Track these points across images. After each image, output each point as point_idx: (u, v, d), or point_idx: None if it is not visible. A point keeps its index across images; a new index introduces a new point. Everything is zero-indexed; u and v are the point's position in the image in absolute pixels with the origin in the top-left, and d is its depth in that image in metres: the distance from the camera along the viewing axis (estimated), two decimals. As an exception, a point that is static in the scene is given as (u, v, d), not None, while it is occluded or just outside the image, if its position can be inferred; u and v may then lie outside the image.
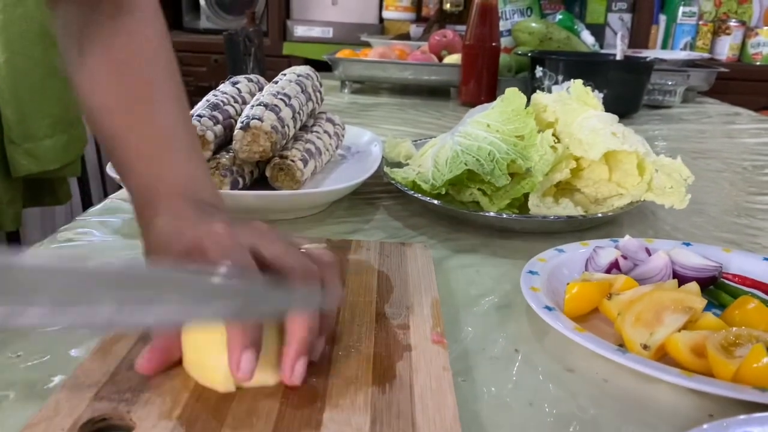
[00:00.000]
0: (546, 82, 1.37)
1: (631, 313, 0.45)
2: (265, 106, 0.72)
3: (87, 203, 1.81)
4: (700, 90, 1.69)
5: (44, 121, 1.39)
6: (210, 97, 0.77)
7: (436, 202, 0.69)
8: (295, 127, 0.76)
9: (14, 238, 1.56)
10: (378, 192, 0.80)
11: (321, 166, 0.79)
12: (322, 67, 1.46)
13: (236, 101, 0.77)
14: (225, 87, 0.80)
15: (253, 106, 0.72)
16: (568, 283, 0.50)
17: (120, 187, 0.72)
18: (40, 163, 1.39)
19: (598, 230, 0.70)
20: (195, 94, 2.58)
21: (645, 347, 0.43)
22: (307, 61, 2.43)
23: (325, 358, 0.41)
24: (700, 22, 2.47)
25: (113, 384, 0.37)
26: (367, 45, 1.92)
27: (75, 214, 1.96)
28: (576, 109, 0.76)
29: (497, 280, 0.58)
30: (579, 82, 0.79)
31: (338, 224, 0.70)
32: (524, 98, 0.76)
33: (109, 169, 0.68)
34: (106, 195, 1.98)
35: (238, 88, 0.80)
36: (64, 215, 2.02)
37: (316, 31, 2.53)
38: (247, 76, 0.85)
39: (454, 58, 1.56)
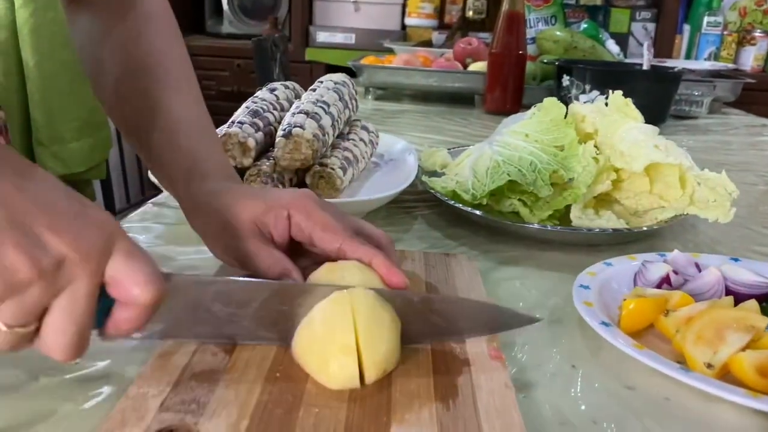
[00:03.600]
0: (573, 91, 1.36)
1: (691, 330, 0.44)
2: (306, 113, 0.72)
3: (109, 205, 1.82)
4: (725, 101, 1.68)
5: (72, 124, 1.40)
6: (249, 104, 0.77)
7: (478, 212, 0.69)
8: (333, 135, 0.76)
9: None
10: (413, 201, 0.80)
11: (357, 173, 0.79)
12: (342, 72, 1.46)
13: (275, 108, 0.77)
14: (263, 94, 0.80)
15: (294, 113, 0.72)
16: (624, 299, 0.49)
17: (152, 191, 0.72)
18: (67, 166, 1.40)
19: (639, 243, 0.69)
20: (217, 99, 2.57)
21: (709, 366, 0.42)
22: (328, 67, 2.43)
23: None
24: (725, 32, 2.46)
25: (177, 394, 0.37)
26: (390, 51, 1.92)
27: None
28: (616, 120, 0.75)
29: (545, 294, 0.57)
30: (618, 93, 0.78)
31: (377, 233, 0.69)
32: (563, 108, 0.75)
33: (152, 175, 0.68)
34: (128, 197, 1.99)
35: (276, 95, 0.80)
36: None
37: (338, 37, 2.54)
38: (283, 83, 0.85)
39: (480, 66, 1.55)
